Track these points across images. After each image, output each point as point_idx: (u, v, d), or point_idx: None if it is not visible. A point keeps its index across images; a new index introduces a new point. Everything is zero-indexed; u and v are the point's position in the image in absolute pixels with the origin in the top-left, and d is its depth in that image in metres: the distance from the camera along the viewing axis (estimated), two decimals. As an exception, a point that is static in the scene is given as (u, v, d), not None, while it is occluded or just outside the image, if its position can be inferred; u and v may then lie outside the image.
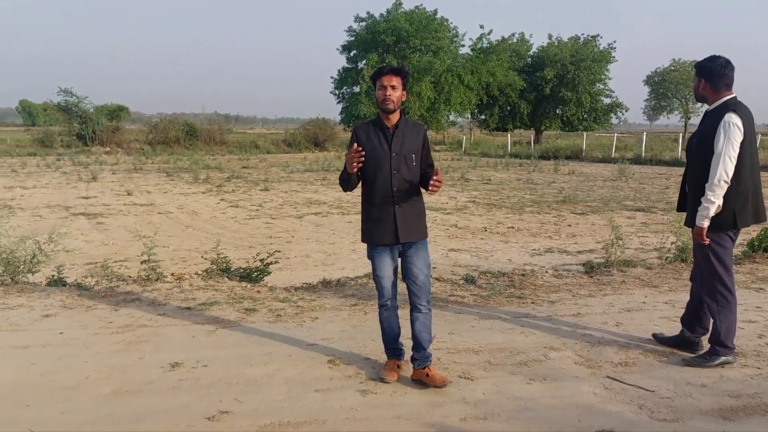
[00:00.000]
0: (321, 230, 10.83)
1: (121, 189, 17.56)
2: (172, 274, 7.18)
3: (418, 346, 3.58)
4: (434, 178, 3.44)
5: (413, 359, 3.61)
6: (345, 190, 3.63)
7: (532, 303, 5.15)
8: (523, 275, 6.17)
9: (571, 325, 4.54)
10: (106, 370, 3.61)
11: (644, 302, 5.20)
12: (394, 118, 3.54)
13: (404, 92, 3.53)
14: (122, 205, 14.36)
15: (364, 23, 46.79)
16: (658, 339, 4.23)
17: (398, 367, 3.69)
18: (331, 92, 49.52)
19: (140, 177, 21.86)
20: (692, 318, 4.11)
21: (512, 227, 11.16)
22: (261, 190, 17.26)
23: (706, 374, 3.66)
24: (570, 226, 11.36)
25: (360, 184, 3.63)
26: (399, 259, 3.66)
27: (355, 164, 3.37)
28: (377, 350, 3.92)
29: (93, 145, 39.14)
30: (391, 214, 3.49)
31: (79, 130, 39.58)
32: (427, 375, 3.51)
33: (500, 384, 3.50)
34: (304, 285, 6.02)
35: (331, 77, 49.42)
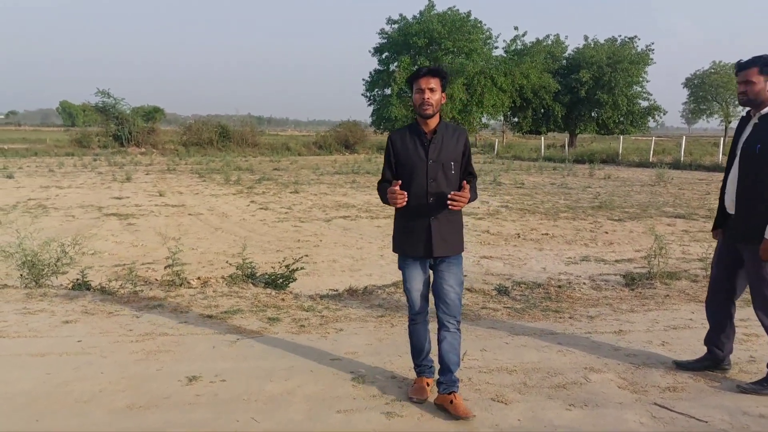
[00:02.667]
0: (349, 234, 10.65)
1: (153, 190, 17.67)
2: (198, 278, 7.07)
3: (445, 369, 3.34)
4: (452, 193, 3.14)
5: (438, 382, 3.37)
6: (384, 202, 3.38)
7: (570, 318, 4.86)
8: (559, 287, 5.88)
9: (612, 344, 4.25)
10: (123, 381, 3.47)
11: (691, 319, 4.87)
12: (433, 122, 3.28)
13: (443, 95, 3.29)
14: (154, 205, 14.40)
15: (396, 25, 46.63)
16: (682, 366, 3.89)
17: (428, 385, 3.45)
18: (362, 94, 49.49)
19: (173, 178, 22.02)
20: (717, 334, 3.82)
21: (546, 234, 10.81)
22: (291, 193, 17.19)
23: (765, 403, 3.35)
24: (607, 233, 10.96)
25: None
26: (431, 271, 3.44)
27: (394, 203, 3.18)
28: (404, 367, 3.70)
29: (129, 145, 39.76)
30: (425, 227, 3.27)
31: (115, 131, 40.27)
32: (451, 402, 3.25)
33: (536, 409, 3.25)
34: (330, 292, 5.84)
35: (363, 79, 49.40)
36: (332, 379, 3.57)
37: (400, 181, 3.20)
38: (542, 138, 43.78)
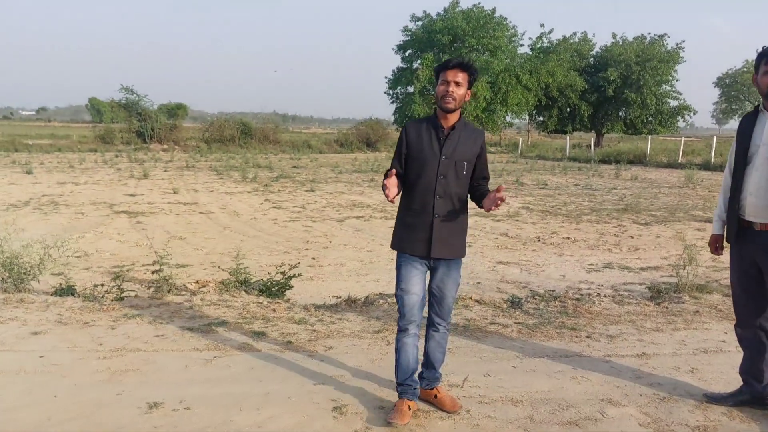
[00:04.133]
0: (360, 236, 10.24)
1: (168, 187, 17.47)
2: (197, 282, 6.74)
3: (429, 364, 3.31)
4: (497, 195, 2.92)
5: (420, 377, 3.30)
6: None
7: (588, 337, 4.38)
8: (577, 299, 5.38)
9: (634, 370, 3.76)
10: (76, 408, 3.08)
11: (724, 341, 4.35)
12: (453, 118, 3.11)
13: (469, 92, 3.07)
14: (166, 203, 14.16)
15: (420, 22, 46.10)
16: (713, 399, 3.39)
17: (409, 408, 3.14)
18: (384, 92, 49.04)
19: (191, 175, 21.84)
20: (754, 362, 3.31)
21: (568, 238, 10.28)
22: (306, 191, 16.84)
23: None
24: (632, 237, 10.39)
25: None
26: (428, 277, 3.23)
27: (387, 194, 2.95)
28: (394, 395, 3.27)
29: (152, 142, 39.87)
30: (427, 224, 3.10)
31: (138, 127, 40.41)
32: (436, 397, 3.26)
33: (543, 453, 2.80)
34: (331, 300, 5.44)
35: (386, 77, 48.96)
36: (311, 410, 3.15)
37: (394, 170, 3.04)
38: (567, 137, 42.90)
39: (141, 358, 3.76)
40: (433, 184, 3.06)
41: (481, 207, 3.14)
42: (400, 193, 3.19)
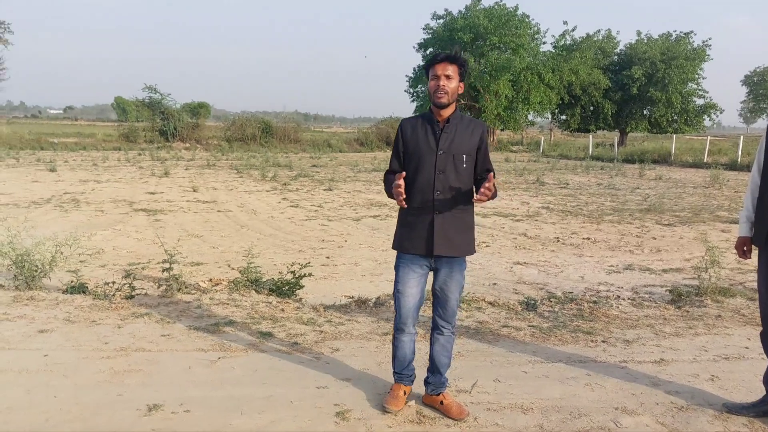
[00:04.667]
0: (376, 235, 10.15)
1: (188, 185, 17.56)
2: (210, 280, 6.72)
3: (434, 369, 3.22)
4: (485, 185, 2.85)
5: (426, 382, 3.25)
6: (390, 197, 3.08)
7: (603, 342, 4.23)
8: (594, 302, 5.23)
9: (651, 377, 3.61)
10: (75, 410, 3.04)
11: (747, 347, 4.18)
12: (447, 112, 3.05)
13: (461, 84, 3.01)
14: (185, 201, 14.22)
15: (441, 20, 45.86)
16: (733, 409, 3.22)
17: (404, 393, 3.19)
18: (405, 91, 48.89)
19: (211, 173, 21.95)
20: None
21: (588, 238, 10.07)
22: (324, 190, 16.81)
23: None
24: (654, 239, 10.15)
25: None
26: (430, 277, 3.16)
27: (399, 201, 2.92)
28: (400, 401, 3.17)
29: (174, 140, 40.21)
30: (428, 222, 3.02)
31: (161, 126, 40.79)
32: (442, 403, 3.16)
33: (551, 463, 2.68)
34: (343, 300, 5.36)
35: (406, 76, 48.81)
36: (313, 414, 3.06)
37: (404, 173, 2.96)
38: (590, 136, 42.25)
39: (145, 358, 3.72)
40: (431, 180, 2.99)
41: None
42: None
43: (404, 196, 2.90)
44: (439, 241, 3.00)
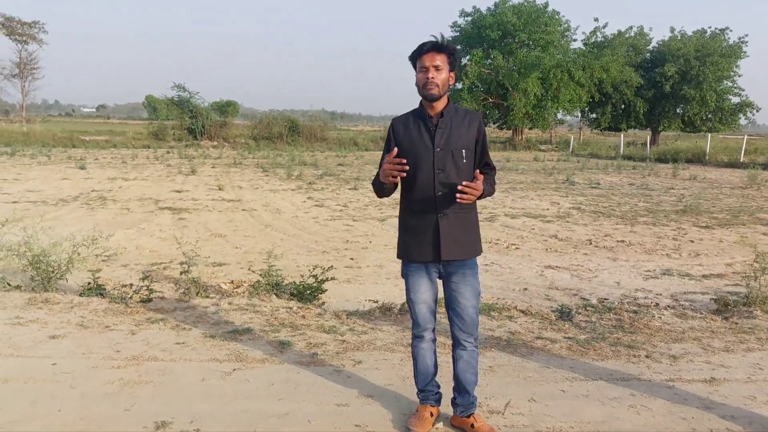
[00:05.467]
0: (403, 236, 9.89)
1: (214, 183, 17.52)
2: (231, 282, 6.55)
3: (461, 389, 3.00)
4: (464, 183, 2.66)
5: (454, 403, 3.04)
6: (379, 196, 2.93)
7: (647, 357, 3.91)
8: (634, 312, 4.90)
9: (702, 399, 3.30)
10: (79, 425, 2.86)
11: (806, 365, 3.83)
12: (439, 105, 2.85)
13: (452, 74, 2.79)
14: (210, 200, 14.15)
15: (469, 18, 45.36)
16: None
17: (431, 415, 2.96)
18: (419, 92, 48.49)
19: (237, 172, 21.92)
20: None
21: (622, 241, 9.68)
22: (350, 189, 16.61)
23: None
24: (692, 242, 9.71)
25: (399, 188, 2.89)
26: (441, 282, 2.95)
27: (392, 176, 2.65)
28: (426, 421, 2.91)
29: (202, 138, 40.50)
30: (432, 225, 2.82)
31: (189, 124, 41.10)
32: (473, 426, 2.93)
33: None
34: (366, 304, 5.13)
35: (435, 73, 48.41)
36: (332, 435, 2.83)
37: (396, 149, 2.73)
38: (622, 135, 41.35)
39: (157, 368, 3.53)
40: (431, 180, 2.80)
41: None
42: (399, 195, 2.95)
43: (402, 166, 2.64)
44: (446, 244, 2.81)
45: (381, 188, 2.91)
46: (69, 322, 4.27)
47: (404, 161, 2.66)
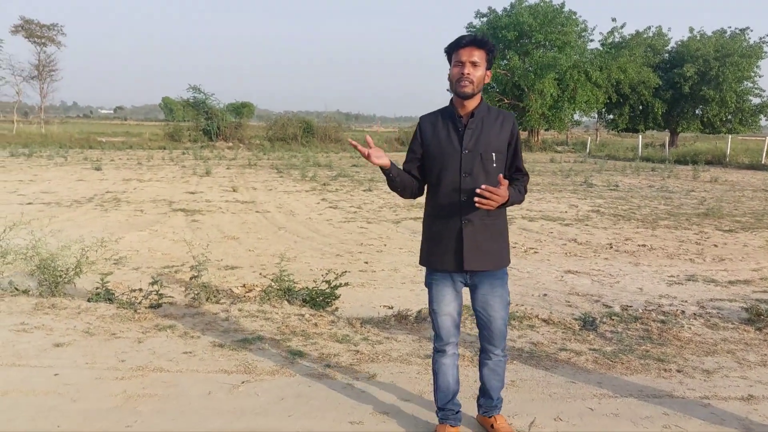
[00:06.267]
0: (417, 239, 9.62)
1: (228, 185, 17.45)
2: (243, 286, 6.41)
3: (485, 392, 2.93)
4: (483, 186, 2.47)
5: (478, 404, 2.99)
6: (403, 196, 2.76)
7: (678, 371, 3.69)
8: (662, 322, 4.67)
9: (741, 419, 3.07)
10: (78, 442, 2.71)
11: None
12: (471, 104, 2.63)
13: (488, 72, 2.60)
14: (224, 201, 14.06)
15: (485, 18, 45.04)
16: None
17: None
18: (447, 90, 48.17)
19: (252, 173, 21.85)
20: None
21: (643, 245, 9.42)
22: (364, 190, 16.45)
23: None
24: (716, 246, 9.43)
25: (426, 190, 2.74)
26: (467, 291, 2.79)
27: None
28: (446, 442, 2.73)
29: (217, 140, 40.59)
30: (455, 232, 2.65)
31: (205, 125, 41.22)
32: (492, 426, 2.88)
33: None
34: (381, 309, 4.96)
35: (448, 74, 48.17)
36: (345, 456, 2.66)
37: (368, 137, 2.63)
38: (640, 136, 40.78)
39: (162, 380, 3.37)
40: (457, 184, 2.63)
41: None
42: (425, 198, 2.79)
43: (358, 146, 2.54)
44: (469, 253, 2.63)
45: (395, 185, 2.74)
46: (75, 328, 4.14)
47: (358, 145, 2.54)
